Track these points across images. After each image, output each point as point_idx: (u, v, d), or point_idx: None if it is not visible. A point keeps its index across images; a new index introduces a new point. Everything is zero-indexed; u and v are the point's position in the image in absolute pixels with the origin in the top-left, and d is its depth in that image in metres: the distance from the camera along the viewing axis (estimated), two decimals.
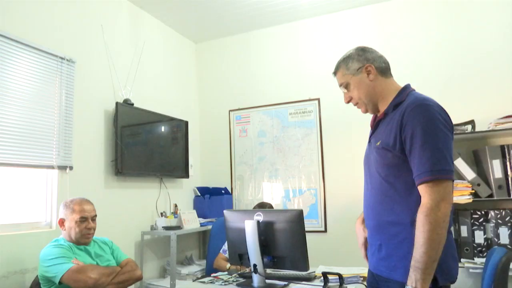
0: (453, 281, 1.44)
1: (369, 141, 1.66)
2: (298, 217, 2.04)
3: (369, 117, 1.72)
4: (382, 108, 1.59)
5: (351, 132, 3.53)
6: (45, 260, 2.03)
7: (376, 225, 1.54)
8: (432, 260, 1.29)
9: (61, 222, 2.18)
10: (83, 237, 2.18)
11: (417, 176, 1.37)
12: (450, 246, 1.41)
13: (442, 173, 1.33)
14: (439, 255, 1.30)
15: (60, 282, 1.98)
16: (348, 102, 1.69)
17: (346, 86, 1.65)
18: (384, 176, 1.50)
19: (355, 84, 1.61)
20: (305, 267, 2.04)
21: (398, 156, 1.44)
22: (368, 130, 1.72)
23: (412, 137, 1.39)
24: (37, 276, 2.15)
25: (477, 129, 2.98)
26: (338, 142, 3.61)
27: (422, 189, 1.36)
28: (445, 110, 1.45)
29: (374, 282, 1.66)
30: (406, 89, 1.57)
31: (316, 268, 2.48)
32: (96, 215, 2.26)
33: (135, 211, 3.27)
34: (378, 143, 1.52)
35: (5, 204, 2.40)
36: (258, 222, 2.09)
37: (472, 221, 2.87)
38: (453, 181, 1.37)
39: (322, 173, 3.64)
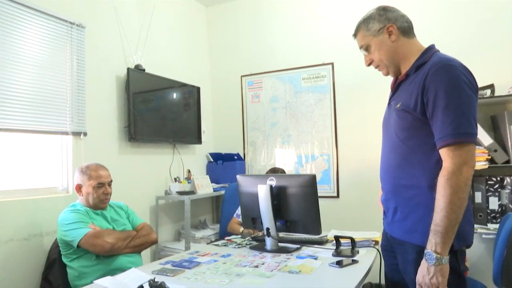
0: (469, 246, 1.44)
1: (389, 104, 1.61)
2: (311, 182, 2.04)
3: (385, 81, 1.68)
4: (404, 69, 1.54)
5: (365, 97, 3.47)
6: (63, 224, 2.09)
7: (392, 188, 1.53)
8: (452, 224, 1.28)
9: (78, 188, 2.23)
10: (100, 203, 2.23)
11: (439, 140, 1.35)
12: (467, 210, 1.39)
13: (465, 136, 1.30)
14: (459, 219, 1.29)
15: (78, 246, 2.04)
16: (369, 64, 1.63)
17: (366, 48, 1.59)
18: (403, 139, 1.48)
19: (376, 45, 1.55)
20: (318, 231, 2.06)
21: (418, 119, 1.41)
22: (383, 94, 1.69)
23: (435, 99, 1.35)
24: (56, 239, 2.22)
25: (496, 94, 2.90)
26: (352, 108, 3.55)
27: (444, 152, 1.33)
28: (470, 71, 1.40)
29: (388, 245, 1.68)
30: (430, 49, 1.51)
31: (328, 232, 2.50)
32: (111, 181, 2.30)
33: (149, 177, 3.31)
34: (398, 105, 1.49)
35: (23, 170, 2.45)
36: (271, 186, 2.10)
37: (487, 187, 2.84)
38: (475, 144, 1.34)
39: (335, 138, 3.62)
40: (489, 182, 2.83)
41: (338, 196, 3.60)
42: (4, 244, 2.21)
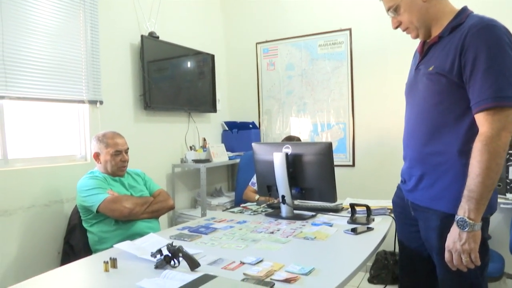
0: (493, 213, 1.42)
1: (417, 68, 1.53)
2: (327, 150, 2.02)
3: (404, 47, 1.62)
4: (436, 31, 1.46)
5: (383, 65, 3.38)
6: (82, 190, 2.14)
7: (419, 155, 1.48)
8: (488, 190, 1.25)
9: (96, 156, 2.26)
10: (118, 170, 2.26)
11: (476, 104, 1.29)
12: None
13: (506, 100, 1.24)
14: (495, 185, 1.26)
15: (97, 211, 2.09)
16: (396, 27, 1.55)
17: (395, 9, 1.49)
18: (433, 104, 1.42)
19: (406, 6, 1.46)
20: (333, 198, 2.07)
21: (453, 82, 1.35)
22: (401, 61, 1.63)
23: (475, 61, 1.28)
24: (76, 205, 2.27)
25: None
26: (369, 75, 3.47)
27: (482, 117, 1.28)
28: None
29: (404, 213, 1.66)
30: (465, 11, 1.43)
31: (343, 200, 2.51)
32: (128, 148, 2.32)
33: (165, 145, 3.34)
34: (431, 68, 1.42)
35: (43, 138, 2.49)
36: (286, 154, 2.09)
37: (508, 156, 2.77)
38: None
39: (351, 107, 3.56)
40: (510, 152, 2.76)
41: (353, 165, 3.58)
42: (27, 210, 2.27)
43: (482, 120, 1.28)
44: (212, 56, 3.79)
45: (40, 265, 2.29)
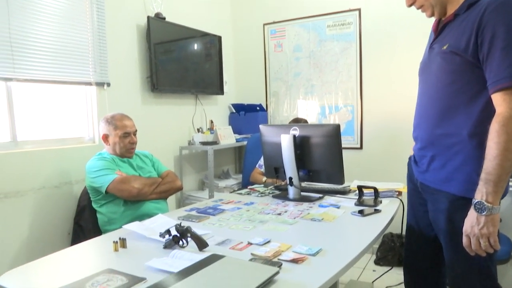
0: (505, 196, 1.38)
1: (431, 47, 1.50)
2: (335, 131, 2.01)
3: (414, 29, 1.58)
4: (451, 9, 1.41)
5: (393, 46, 3.32)
6: (91, 171, 2.15)
7: (430, 136, 1.46)
8: (506, 172, 1.21)
9: (105, 138, 2.27)
10: (127, 152, 2.28)
11: (493, 83, 1.24)
12: None
13: None
14: None
15: (106, 192, 2.11)
16: (411, 5, 1.50)
17: None
18: (446, 84, 1.39)
19: None
20: (341, 180, 2.06)
21: (468, 61, 1.31)
22: (412, 43, 1.61)
23: (493, 38, 1.23)
24: (85, 186, 2.30)
25: None
26: (379, 57, 3.41)
27: (499, 97, 1.24)
28: None
29: (416, 194, 1.65)
30: None
31: (351, 183, 2.50)
32: (136, 130, 2.33)
33: (173, 127, 3.34)
34: (445, 47, 1.38)
35: (51, 120, 2.51)
36: (294, 136, 2.08)
37: None
38: None
39: (360, 89, 3.52)
40: None
41: (361, 147, 3.56)
42: (37, 191, 2.30)
43: (499, 100, 1.24)
44: (219, 38, 3.75)
45: (51, 245, 2.33)
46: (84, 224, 2.30)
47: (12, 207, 2.19)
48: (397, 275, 1.90)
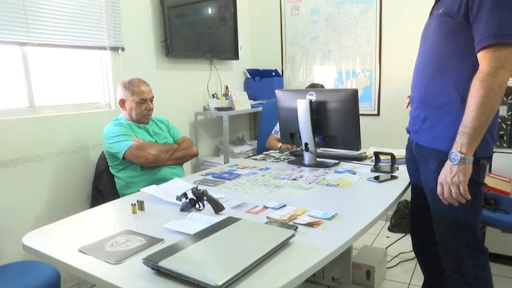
0: (490, 157, 1.46)
1: (431, 13, 1.55)
2: (352, 96, 1.97)
3: None
4: None
5: (416, 8, 3.17)
6: (108, 137, 2.17)
7: (424, 96, 1.51)
8: (481, 126, 1.27)
9: (122, 103, 2.27)
10: (143, 118, 2.28)
11: (478, 42, 1.28)
12: (493, 121, 1.38)
13: (506, 38, 1.23)
14: (489, 121, 1.28)
15: (123, 158, 2.13)
16: None
17: None
18: (441, 45, 1.43)
19: None
20: (357, 146, 2.04)
21: (459, 22, 1.35)
22: None
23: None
24: (102, 151, 2.33)
25: None
26: (399, 20, 3.28)
27: (482, 55, 1.28)
28: None
29: (412, 159, 1.71)
30: None
31: (367, 149, 2.48)
32: (153, 97, 2.32)
33: (188, 93, 3.33)
34: (441, 11, 1.42)
35: (67, 85, 2.51)
36: (310, 101, 2.05)
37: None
38: None
39: (378, 54, 3.42)
40: None
41: (378, 114, 3.50)
42: (56, 156, 2.35)
43: (481, 58, 1.28)
44: (234, 1, 3.65)
45: (71, 208, 2.40)
46: (103, 188, 2.34)
47: (33, 171, 2.24)
48: (410, 242, 1.91)
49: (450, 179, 1.33)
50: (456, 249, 1.49)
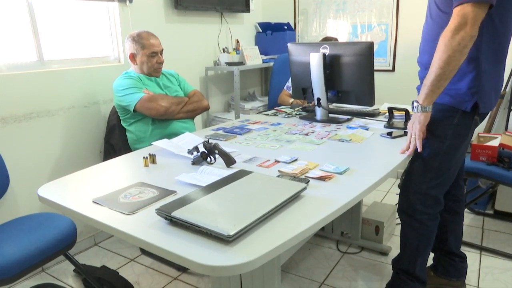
0: (489, 111, 1.56)
1: None
2: (367, 50, 1.91)
3: None
4: None
5: None
6: (118, 90, 2.16)
7: (429, 59, 1.47)
8: (437, 79, 1.35)
9: (132, 57, 2.23)
10: (154, 71, 2.25)
11: (454, 2, 1.31)
12: (496, 78, 1.49)
13: None
14: (447, 76, 1.35)
15: (134, 110, 2.12)
16: None
17: None
18: (442, 7, 1.44)
19: None
20: (371, 102, 2.00)
21: None
22: None
23: None
24: (113, 106, 2.32)
25: None
26: None
27: (453, 13, 1.31)
28: None
29: None
30: None
31: (381, 105, 2.43)
32: (163, 49, 2.28)
33: (198, 47, 3.26)
34: None
35: (76, 39, 2.47)
36: (324, 55, 1.99)
37: None
38: (491, 7, 1.29)
39: (396, 6, 3.27)
40: None
41: (393, 69, 3.41)
42: (67, 111, 2.35)
43: (453, 15, 1.32)
44: None
45: (84, 162, 2.43)
46: (115, 143, 2.36)
47: (45, 126, 2.25)
48: None
49: (411, 125, 1.51)
50: (411, 193, 1.62)
